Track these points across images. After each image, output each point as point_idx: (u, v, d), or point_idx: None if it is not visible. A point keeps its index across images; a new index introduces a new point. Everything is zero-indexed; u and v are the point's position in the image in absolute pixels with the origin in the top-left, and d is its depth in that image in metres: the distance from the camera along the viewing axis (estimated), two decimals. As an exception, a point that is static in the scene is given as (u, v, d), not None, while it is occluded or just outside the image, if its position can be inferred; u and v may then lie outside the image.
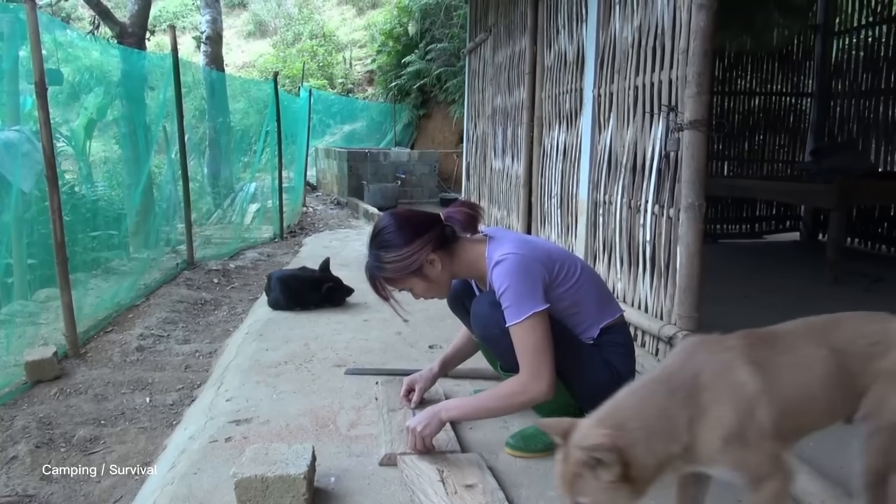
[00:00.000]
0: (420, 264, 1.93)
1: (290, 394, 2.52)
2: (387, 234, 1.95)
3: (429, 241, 1.93)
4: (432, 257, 1.94)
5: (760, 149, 6.47)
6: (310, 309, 3.74)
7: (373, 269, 1.99)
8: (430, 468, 1.83)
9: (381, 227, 1.99)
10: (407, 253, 1.92)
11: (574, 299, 1.95)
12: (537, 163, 4.47)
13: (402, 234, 1.93)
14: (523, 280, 1.83)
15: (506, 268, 1.84)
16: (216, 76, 8.58)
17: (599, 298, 2.02)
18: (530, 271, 1.85)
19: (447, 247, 1.97)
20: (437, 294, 2.07)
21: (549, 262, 1.90)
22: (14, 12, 3.56)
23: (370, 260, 1.99)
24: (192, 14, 20.18)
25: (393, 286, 2.01)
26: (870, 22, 5.94)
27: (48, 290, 4.04)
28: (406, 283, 2.00)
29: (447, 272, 1.99)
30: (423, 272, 1.95)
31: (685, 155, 2.43)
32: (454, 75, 12.09)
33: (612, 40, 3.20)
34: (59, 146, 4.22)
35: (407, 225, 1.95)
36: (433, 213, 2.06)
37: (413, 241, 1.92)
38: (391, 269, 1.95)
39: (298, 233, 7.63)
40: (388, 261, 1.94)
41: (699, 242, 2.42)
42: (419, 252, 1.92)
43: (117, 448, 2.48)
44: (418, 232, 1.93)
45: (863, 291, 4.28)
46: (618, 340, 2.03)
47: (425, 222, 1.97)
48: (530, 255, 1.87)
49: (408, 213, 2.03)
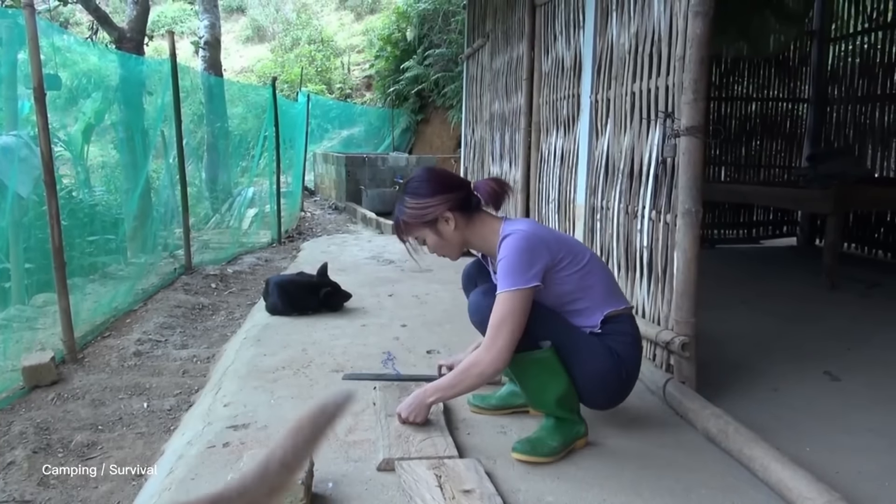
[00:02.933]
0: (435, 217, 2.07)
1: (287, 399, 2.52)
2: (415, 182, 2.12)
3: (449, 200, 2.07)
4: (448, 215, 2.07)
5: (757, 154, 6.48)
6: (307, 314, 3.74)
7: (397, 213, 2.14)
8: (427, 473, 1.83)
9: (414, 175, 2.16)
10: (427, 203, 2.06)
11: (578, 285, 2.02)
12: (535, 168, 4.48)
13: (428, 186, 2.08)
14: (522, 256, 1.93)
15: (511, 241, 1.96)
16: (214, 81, 8.59)
17: (606, 288, 2.08)
18: (532, 250, 1.94)
19: (466, 212, 2.10)
20: (446, 253, 2.17)
21: (556, 246, 2.00)
22: (13, 17, 3.56)
23: (397, 204, 2.15)
24: (190, 19, 20.21)
25: (410, 232, 2.14)
26: (865, 28, 5.97)
27: (45, 294, 4.03)
28: (420, 232, 2.12)
29: (460, 234, 2.11)
30: (437, 226, 2.09)
31: (682, 161, 2.43)
32: (452, 80, 12.12)
33: (610, 47, 3.21)
34: (56, 151, 4.22)
35: (435, 179, 2.11)
36: (464, 178, 2.23)
37: (435, 195, 2.06)
38: (409, 214, 2.09)
39: (296, 238, 7.63)
40: (409, 206, 2.09)
41: (696, 248, 2.43)
42: (438, 206, 2.06)
43: (115, 453, 2.48)
44: (443, 188, 2.08)
45: (859, 297, 4.30)
46: (623, 329, 2.07)
47: (453, 183, 2.12)
48: (538, 236, 1.99)
49: (440, 171, 2.21)
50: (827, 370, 2.89)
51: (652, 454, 2.09)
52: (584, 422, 2.11)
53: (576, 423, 2.08)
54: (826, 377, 2.82)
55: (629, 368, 2.07)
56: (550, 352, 2.00)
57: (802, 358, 3.05)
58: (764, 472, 1.91)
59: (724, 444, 2.12)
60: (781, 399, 2.58)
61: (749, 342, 3.29)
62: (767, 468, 1.90)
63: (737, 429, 2.10)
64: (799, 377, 2.80)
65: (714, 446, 2.16)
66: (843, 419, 2.40)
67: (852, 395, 2.63)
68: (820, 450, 2.15)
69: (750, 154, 6.46)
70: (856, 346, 3.26)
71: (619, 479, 1.94)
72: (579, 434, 2.09)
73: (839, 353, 3.12)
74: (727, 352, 3.12)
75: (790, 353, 3.12)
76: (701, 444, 2.19)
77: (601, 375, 2.03)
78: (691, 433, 2.26)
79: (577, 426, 2.09)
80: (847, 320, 3.72)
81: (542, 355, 2.00)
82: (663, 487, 1.90)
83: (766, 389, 2.67)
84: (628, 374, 2.07)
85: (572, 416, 2.07)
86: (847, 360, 3.04)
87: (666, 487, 1.90)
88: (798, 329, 3.55)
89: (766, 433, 2.10)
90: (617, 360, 2.02)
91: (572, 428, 2.07)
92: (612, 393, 2.10)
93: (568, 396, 2.04)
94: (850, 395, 2.64)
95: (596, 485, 1.91)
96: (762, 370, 2.88)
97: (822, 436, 2.27)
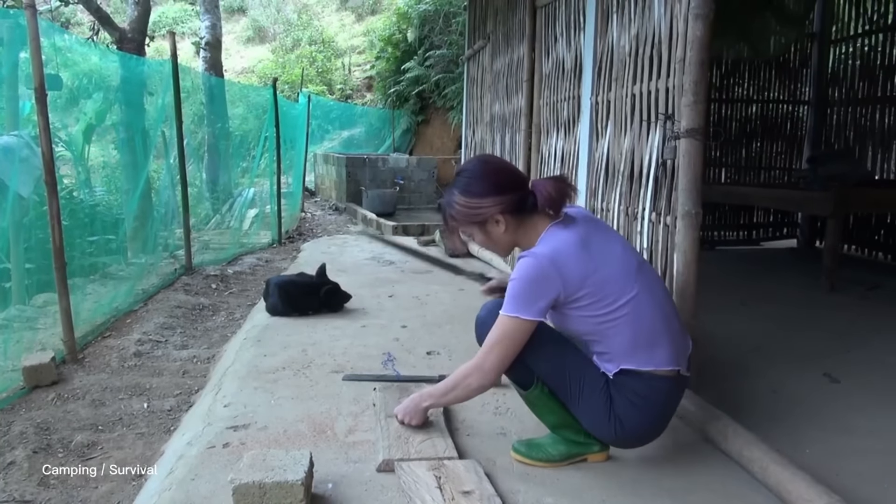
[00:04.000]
0: (485, 219, 1.92)
1: (287, 400, 2.52)
2: (469, 177, 1.95)
3: (502, 203, 1.90)
4: (499, 217, 1.91)
5: (758, 156, 6.49)
6: (308, 315, 3.74)
7: (445, 203, 2.00)
8: (427, 475, 1.83)
9: (468, 168, 2.00)
10: (478, 204, 1.91)
11: (595, 329, 1.86)
12: (535, 170, 4.48)
13: (483, 184, 1.92)
14: (529, 286, 1.82)
15: (523, 264, 1.84)
16: (215, 82, 8.60)
17: (635, 341, 1.84)
18: (542, 280, 1.80)
19: (520, 215, 1.93)
20: (494, 251, 2.07)
21: (578, 283, 1.80)
22: (14, 18, 3.57)
23: (447, 194, 2.00)
24: (191, 20, 20.22)
25: (457, 227, 2.00)
26: (866, 30, 5.97)
27: (46, 294, 4.03)
28: (468, 229, 1.99)
29: (510, 236, 1.96)
30: (486, 227, 1.95)
31: (682, 163, 2.44)
32: (453, 82, 12.13)
33: (610, 49, 3.22)
34: (57, 151, 4.22)
35: (490, 177, 1.94)
36: (522, 175, 2.05)
37: (488, 196, 1.90)
38: (458, 212, 1.95)
39: (297, 238, 7.63)
40: (460, 203, 1.94)
41: (696, 250, 2.43)
42: (490, 208, 1.90)
43: (115, 454, 2.48)
44: (498, 189, 1.91)
45: (859, 299, 4.30)
46: (635, 388, 1.84)
47: (509, 183, 1.94)
48: (555, 266, 1.80)
49: (498, 167, 2.03)
50: (826, 372, 2.89)
51: (651, 456, 2.09)
52: (600, 441, 2.01)
53: (584, 444, 2.01)
54: (826, 379, 2.83)
55: (628, 429, 1.88)
56: (538, 391, 1.96)
57: (802, 360, 3.05)
58: (763, 474, 1.91)
59: (724, 446, 2.12)
60: (781, 401, 2.58)
61: (749, 344, 3.29)
62: (767, 470, 1.90)
63: (736, 430, 2.10)
64: (798, 379, 2.81)
65: (713, 448, 2.16)
66: (842, 421, 2.40)
67: (852, 397, 2.64)
68: (819, 452, 2.15)
69: (750, 156, 6.47)
70: (855, 347, 3.26)
71: (619, 480, 1.95)
72: (589, 451, 2.03)
73: (839, 355, 3.12)
74: (727, 353, 3.12)
75: (790, 355, 3.12)
76: (700, 445, 2.19)
77: (595, 425, 1.93)
78: (690, 435, 2.26)
79: (588, 446, 2.02)
80: (847, 322, 3.72)
81: (530, 395, 1.99)
82: (663, 489, 1.90)
83: (766, 391, 2.67)
84: (626, 434, 1.89)
85: (577, 438, 2.01)
86: (847, 361, 3.04)
87: (665, 489, 1.90)
88: (798, 331, 3.56)
89: (765, 435, 2.10)
90: (611, 415, 1.87)
91: (580, 447, 2.01)
92: (611, 441, 1.98)
93: (567, 426, 2.00)
94: (849, 396, 2.65)
95: (596, 486, 1.91)
96: (762, 372, 2.89)
97: (822, 438, 2.27)
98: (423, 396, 2.08)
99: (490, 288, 2.28)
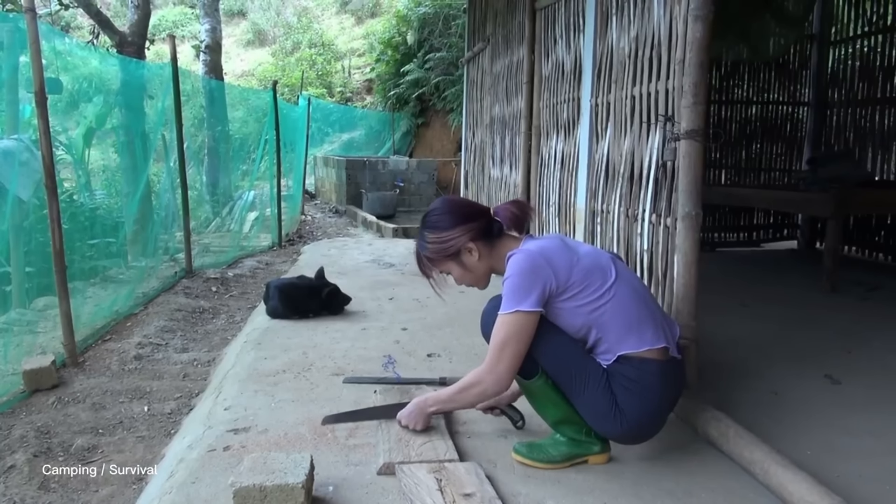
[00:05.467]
0: (458, 249, 2.02)
1: (288, 402, 2.52)
2: (434, 215, 2.07)
3: (471, 230, 2.01)
4: (470, 246, 2.01)
5: (758, 157, 6.48)
6: (308, 317, 3.74)
7: (418, 247, 2.11)
8: (428, 477, 1.83)
9: (432, 209, 2.11)
10: (448, 236, 2.02)
11: (588, 319, 1.91)
12: (535, 172, 4.48)
13: (448, 218, 2.03)
14: (523, 277, 1.88)
15: (515, 261, 1.92)
16: (215, 85, 8.61)
17: (627, 323, 1.90)
18: (534, 270, 1.88)
19: (489, 240, 2.04)
20: (473, 283, 2.12)
21: (566, 273, 1.89)
22: (14, 21, 3.57)
23: (418, 237, 2.12)
24: (191, 23, 20.26)
25: (433, 266, 2.10)
26: (865, 32, 5.98)
27: (46, 298, 4.04)
28: (444, 266, 2.09)
29: (485, 262, 2.05)
30: (460, 258, 2.04)
31: (682, 164, 2.44)
32: (452, 84, 12.15)
33: (609, 50, 3.22)
34: (57, 154, 4.23)
35: (454, 211, 2.06)
36: (483, 205, 2.15)
37: (455, 227, 2.01)
38: (431, 249, 2.05)
39: (297, 241, 7.63)
40: (430, 241, 2.05)
41: (696, 252, 2.43)
42: (459, 237, 2.01)
43: (115, 457, 2.47)
44: (463, 219, 2.02)
45: (860, 300, 4.30)
46: (627, 374, 1.89)
47: (472, 212, 2.06)
48: (545, 256, 1.90)
49: (458, 201, 2.17)
50: (827, 373, 2.88)
51: (652, 457, 2.09)
52: (602, 441, 2.03)
53: (585, 444, 2.02)
54: (826, 380, 2.82)
55: (629, 418, 1.90)
56: (541, 382, 1.97)
57: (803, 361, 3.04)
58: (764, 476, 1.91)
59: (725, 448, 2.12)
60: (782, 402, 2.58)
61: (749, 345, 3.29)
62: (768, 471, 1.90)
63: (737, 432, 2.10)
64: (799, 380, 2.80)
65: (714, 449, 2.16)
66: (843, 422, 2.40)
67: (853, 399, 2.63)
68: (821, 453, 2.15)
69: (750, 157, 6.47)
70: (856, 349, 3.26)
71: (620, 481, 1.94)
72: (589, 452, 2.03)
73: (839, 356, 3.12)
74: (727, 355, 3.12)
75: (790, 357, 3.11)
76: (701, 447, 2.19)
77: (597, 418, 1.94)
78: (691, 436, 2.26)
79: (588, 446, 2.02)
80: (847, 323, 3.72)
81: (533, 385, 1.99)
82: (664, 490, 1.90)
83: (767, 392, 2.67)
84: (629, 423, 1.90)
85: (580, 437, 2.01)
86: (847, 363, 3.04)
87: (666, 490, 1.90)
88: (798, 332, 3.55)
89: (766, 436, 2.10)
90: (616, 407, 1.90)
91: (581, 447, 2.02)
92: (614, 435, 1.98)
93: (569, 422, 2.00)
94: (850, 398, 2.64)
95: (597, 488, 1.90)
96: (762, 373, 2.88)
97: (823, 439, 2.26)
98: (428, 401, 2.08)
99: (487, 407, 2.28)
